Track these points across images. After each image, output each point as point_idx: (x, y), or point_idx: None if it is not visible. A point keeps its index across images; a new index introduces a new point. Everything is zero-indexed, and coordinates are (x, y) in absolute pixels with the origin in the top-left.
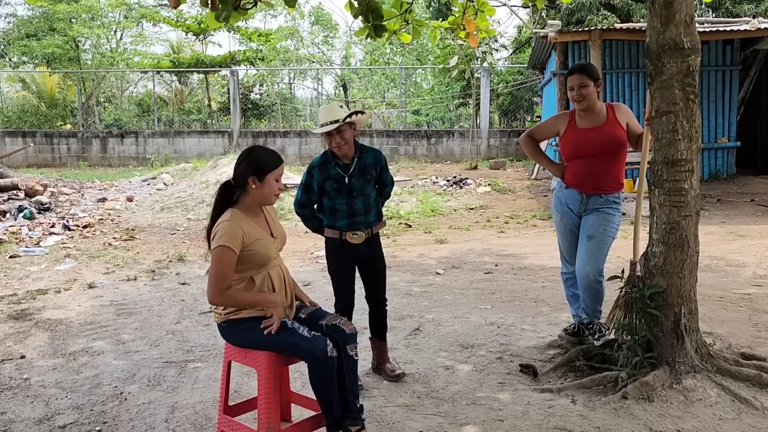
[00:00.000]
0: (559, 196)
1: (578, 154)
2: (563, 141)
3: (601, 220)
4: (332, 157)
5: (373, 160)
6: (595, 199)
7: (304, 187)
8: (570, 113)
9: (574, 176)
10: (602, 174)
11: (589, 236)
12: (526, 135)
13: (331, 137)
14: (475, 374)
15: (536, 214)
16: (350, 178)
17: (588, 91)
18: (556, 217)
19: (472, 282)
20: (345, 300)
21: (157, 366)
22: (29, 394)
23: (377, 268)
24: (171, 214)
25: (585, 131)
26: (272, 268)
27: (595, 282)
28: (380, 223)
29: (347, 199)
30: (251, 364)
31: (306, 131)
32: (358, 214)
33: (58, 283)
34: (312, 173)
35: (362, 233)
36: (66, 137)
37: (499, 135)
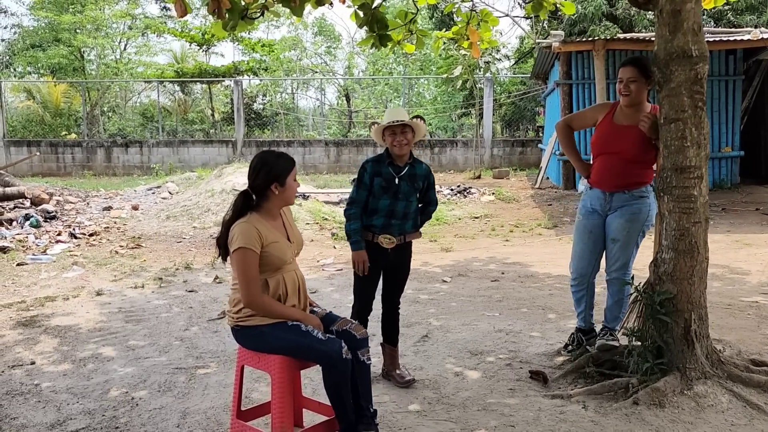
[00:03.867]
0: (583, 198)
1: (606, 149)
2: (596, 133)
3: (624, 222)
4: (387, 157)
5: (423, 173)
6: (620, 196)
7: (357, 182)
8: (612, 105)
9: (598, 173)
10: (626, 172)
11: (613, 239)
12: (564, 122)
13: (394, 135)
14: (485, 380)
15: (541, 222)
16: (400, 180)
17: (636, 86)
18: (577, 218)
19: (478, 290)
20: (363, 303)
21: (167, 372)
22: (40, 400)
23: (402, 275)
24: (177, 223)
25: (620, 128)
26: (287, 273)
27: (620, 283)
28: (415, 233)
29: (391, 199)
30: (265, 368)
31: (309, 141)
32: (395, 217)
33: (65, 290)
34: (365, 167)
35: (394, 238)
36: (71, 146)
37: (503, 144)
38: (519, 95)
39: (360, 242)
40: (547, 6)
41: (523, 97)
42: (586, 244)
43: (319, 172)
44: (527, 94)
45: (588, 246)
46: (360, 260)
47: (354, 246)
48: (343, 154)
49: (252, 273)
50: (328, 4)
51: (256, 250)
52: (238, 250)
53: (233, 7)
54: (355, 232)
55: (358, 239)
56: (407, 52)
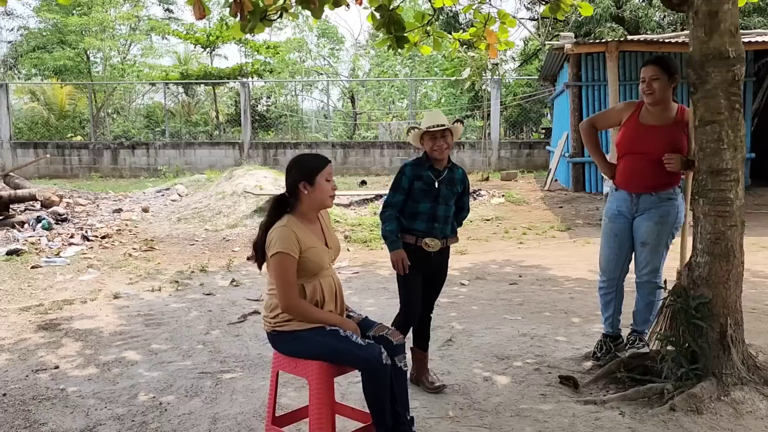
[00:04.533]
0: (609, 200)
1: (632, 150)
2: (621, 133)
3: (653, 226)
4: (426, 160)
5: (461, 177)
6: (647, 198)
7: (394, 185)
8: (637, 105)
9: (624, 174)
10: (654, 174)
11: (642, 242)
12: (588, 123)
13: (434, 140)
14: (515, 386)
15: (554, 225)
16: (440, 184)
17: (659, 84)
18: (603, 221)
19: (498, 293)
20: (412, 310)
21: (192, 377)
22: (68, 405)
23: (440, 279)
24: (188, 225)
25: (646, 128)
26: (324, 278)
27: (652, 285)
28: (454, 237)
29: (432, 203)
30: (302, 374)
31: (316, 143)
32: (438, 221)
33: (83, 293)
34: (404, 170)
35: (438, 241)
36: (77, 148)
37: (510, 146)
38: (525, 97)
39: (397, 242)
40: (564, 7)
41: (529, 99)
42: (613, 247)
43: None
44: (533, 96)
45: (614, 250)
46: (399, 259)
47: (392, 246)
48: (350, 156)
49: (290, 278)
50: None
51: (294, 255)
52: (277, 254)
53: (254, 9)
54: (391, 232)
55: (395, 239)
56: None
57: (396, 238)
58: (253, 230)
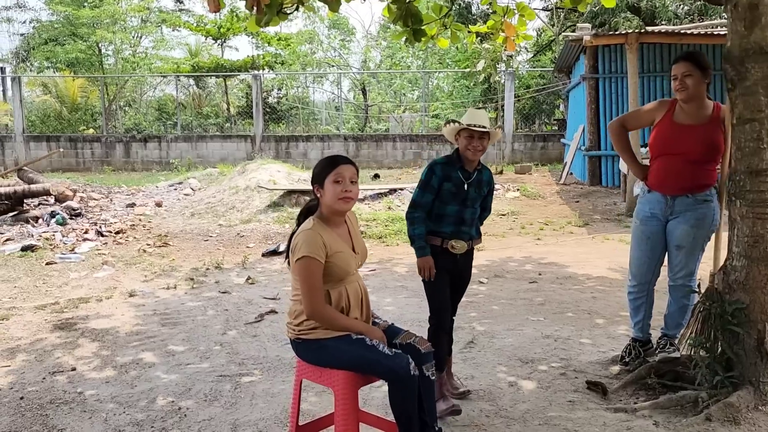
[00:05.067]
0: (641, 202)
1: (667, 150)
2: (655, 133)
3: (689, 229)
4: (457, 160)
5: (487, 179)
6: (683, 201)
7: (423, 184)
8: (671, 103)
9: (658, 176)
10: (690, 175)
11: (677, 246)
12: (618, 123)
13: (471, 139)
14: (541, 391)
15: (571, 220)
16: (469, 186)
17: (692, 81)
18: (634, 223)
19: (518, 292)
20: (442, 315)
21: (211, 380)
22: (86, 409)
23: (465, 281)
24: (202, 220)
25: (681, 127)
26: (350, 284)
27: (686, 289)
28: (478, 239)
29: (460, 206)
30: (327, 383)
31: (328, 135)
32: (465, 224)
33: (98, 290)
34: (434, 169)
35: (464, 243)
36: (90, 142)
37: (524, 139)
38: (539, 89)
39: (426, 248)
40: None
41: (543, 90)
42: (644, 250)
43: None
44: (547, 88)
45: (646, 252)
46: (427, 266)
47: (419, 252)
48: (362, 149)
49: (316, 283)
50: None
51: (320, 259)
52: (302, 259)
53: (270, 2)
54: (419, 237)
55: (423, 244)
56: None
57: (425, 243)
58: (267, 225)
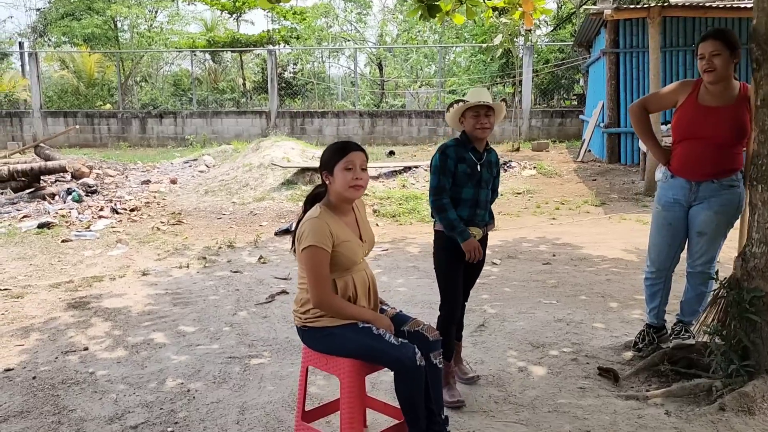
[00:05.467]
0: (663, 187)
1: (691, 134)
2: (678, 115)
3: (713, 215)
4: (467, 141)
5: (496, 159)
6: (708, 186)
7: (439, 169)
8: (695, 84)
9: (681, 160)
10: (716, 159)
11: (699, 232)
12: (639, 105)
13: (478, 117)
14: (551, 377)
15: (588, 199)
16: (481, 167)
17: (720, 61)
18: (655, 209)
19: (530, 273)
20: (453, 302)
21: (220, 362)
22: (97, 390)
23: (479, 268)
24: (215, 198)
25: (707, 109)
26: (357, 273)
27: (705, 276)
28: (492, 224)
29: (475, 188)
30: (333, 371)
31: (343, 111)
32: (480, 207)
33: (112, 269)
34: (446, 153)
35: (480, 230)
36: (106, 117)
37: (541, 115)
38: (558, 64)
39: (466, 231)
40: None
41: (562, 65)
42: (665, 237)
43: None
44: (567, 62)
45: (667, 239)
46: (473, 248)
47: (461, 236)
48: (377, 125)
49: (323, 272)
50: None
51: (327, 248)
52: (309, 248)
53: None
54: (457, 221)
55: (463, 228)
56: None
57: (464, 227)
58: (280, 203)
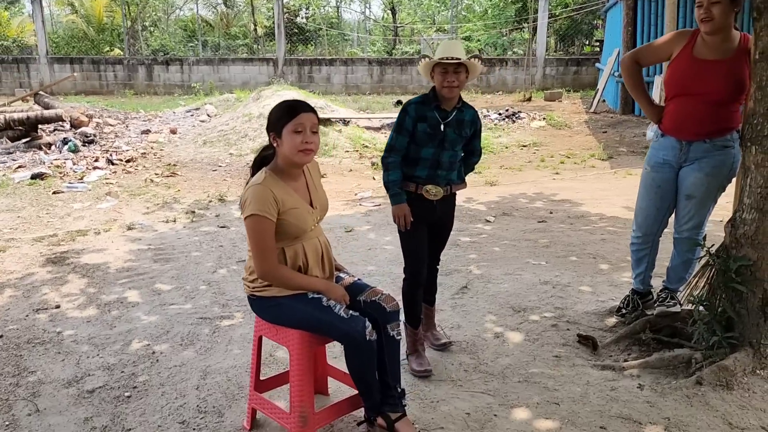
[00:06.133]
0: (654, 147)
1: (684, 90)
2: (671, 69)
3: (704, 177)
4: (433, 99)
5: (471, 118)
6: (699, 146)
7: (397, 126)
8: (691, 35)
9: (673, 118)
10: (710, 118)
11: (688, 195)
12: (631, 58)
13: (446, 74)
14: (527, 344)
15: (594, 153)
16: (446, 127)
17: (719, 9)
18: (644, 170)
19: (524, 232)
20: (415, 264)
21: (190, 322)
22: (61, 351)
23: (446, 229)
24: (213, 149)
25: (702, 63)
26: (307, 241)
27: (692, 242)
28: (461, 184)
29: (436, 148)
30: (283, 342)
31: (352, 59)
32: (441, 168)
33: (98, 223)
34: (407, 110)
35: (440, 189)
36: (112, 64)
37: (556, 63)
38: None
39: (400, 194)
40: None
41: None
42: (653, 200)
43: (362, 93)
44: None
45: (655, 202)
46: (401, 213)
47: (394, 199)
48: (386, 73)
49: (267, 243)
50: None
51: (271, 217)
52: (251, 217)
53: None
54: (394, 183)
55: (398, 191)
56: None
57: (399, 190)
58: None
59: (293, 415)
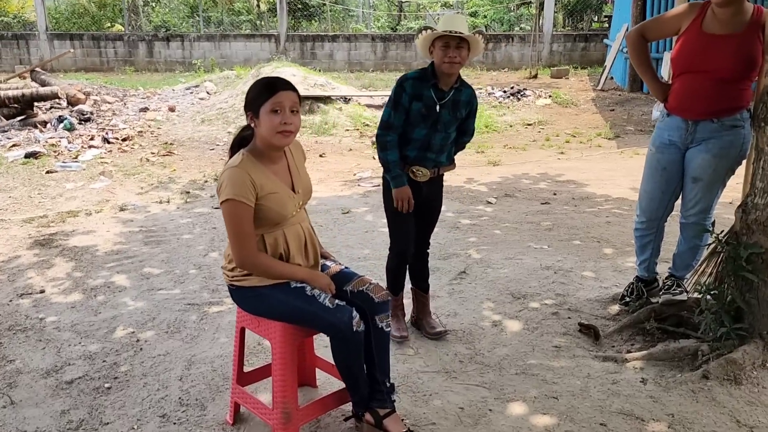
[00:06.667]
0: (659, 127)
1: (692, 67)
2: (678, 45)
3: (711, 158)
4: (431, 76)
5: (467, 98)
6: (706, 126)
7: (393, 103)
8: (700, 8)
9: (679, 96)
10: (718, 96)
11: (694, 178)
12: (637, 32)
13: (447, 49)
14: (526, 333)
15: (601, 132)
16: (441, 108)
17: None
18: (649, 151)
19: (526, 214)
20: (402, 244)
21: (178, 309)
22: (42, 338)
23: (433, 212)
24: (211, 127)
25: (712, 38)
26: (289, 227)
27: (699, 228)
28: (450, 165)
29: (428, 130)
30: (265, 334)
31: (355, 35)
32: (431, 150)
33: (90, 203)
34: (404, 86)
35: (427, 171)
36: (112, 40)
37: (563, 39)
38: None
39: (402, 176)
40: None
41: None
42: (658, 182)
43: (365, 70)
44: None
45: (660, 185)
46: (404, 197)
47: (395, 181)
48: (390, 50)
49: (244, 229)
50: None
51: (248, 202)
52: (227, 202)
53: None
54: (394, 164)
55: (399, 173)
56: None
57: (400, 171)
58: None
59: (276, 411)
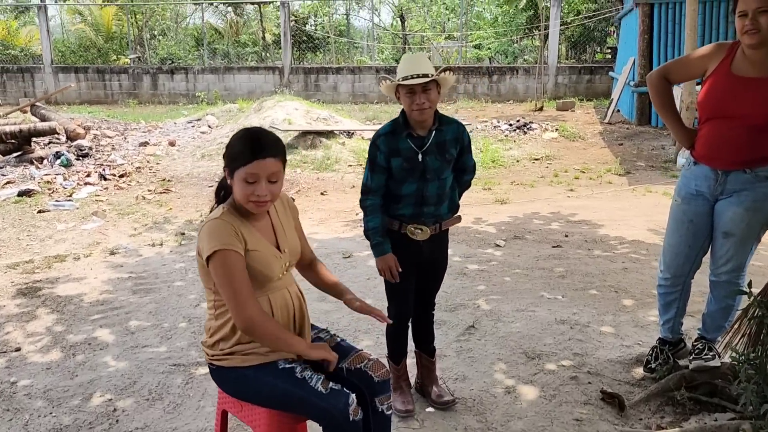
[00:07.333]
0: (685, 176)
1: (721, 112)
2: (706, 88)
3: (744, 212)
4: (404, 126)
5: (453, 135)
6: (738, 177)
7: (370, 164)
8: (728, 48)
9: (707, 144)
10: (750, 144)
11: (725, 233)
12: (659, 74)
13: (413, 95)
14: (543, 402)
15: (611, 168)
16: (424, 156)
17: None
18: (674, 201)
19: (537, 259)
20: (400, 307)
21: (162, 370)
22: (10, 407)
23: (438, 271)
24: (211, 162)
25: (743, 81)
26: (274, 292)
27: (732, 287)
28: (453, 218)
29: (418, 182)
30: (248, 421)
31: (359, 67)
32: (427, 204)
33: (80, 246)
34: (377, 144)
35: (427, 229)
36: (117, 73)
37: (568, 72)
38: (589, 15)
39: (382, 244)
40: None
41: (593, 17)
42: (684, 236)
43: (369, 102)
44: (598, 14)
45: (686, 239)
46: (386, 266)
47: (376, 250)
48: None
49: (242, 281)
50: None
51: (239, 250)
52: (216, 254)
53: None
54: (374, 231)
55: (379, 240)
56: None
57: (381, 239)
58: None
59: None
